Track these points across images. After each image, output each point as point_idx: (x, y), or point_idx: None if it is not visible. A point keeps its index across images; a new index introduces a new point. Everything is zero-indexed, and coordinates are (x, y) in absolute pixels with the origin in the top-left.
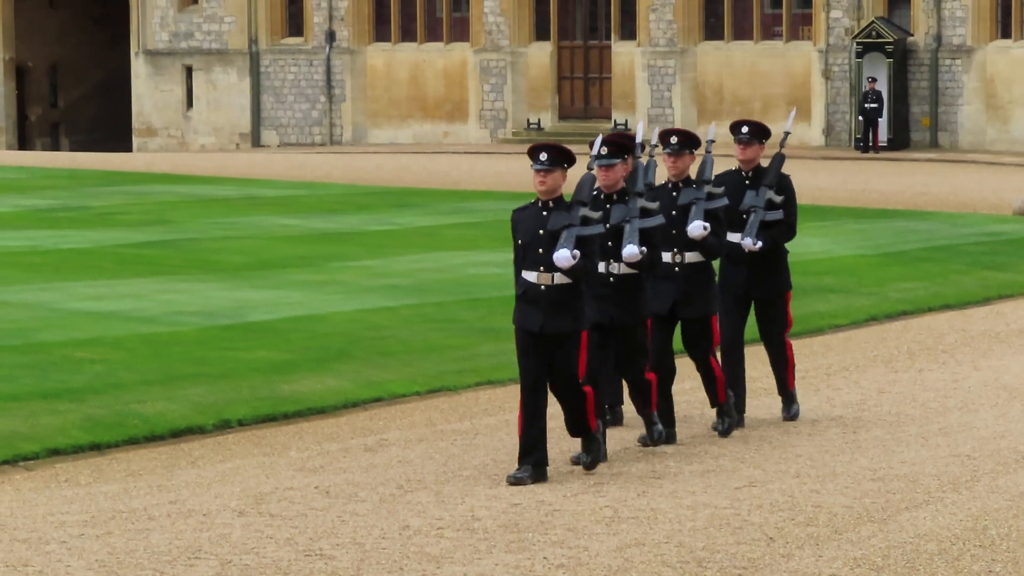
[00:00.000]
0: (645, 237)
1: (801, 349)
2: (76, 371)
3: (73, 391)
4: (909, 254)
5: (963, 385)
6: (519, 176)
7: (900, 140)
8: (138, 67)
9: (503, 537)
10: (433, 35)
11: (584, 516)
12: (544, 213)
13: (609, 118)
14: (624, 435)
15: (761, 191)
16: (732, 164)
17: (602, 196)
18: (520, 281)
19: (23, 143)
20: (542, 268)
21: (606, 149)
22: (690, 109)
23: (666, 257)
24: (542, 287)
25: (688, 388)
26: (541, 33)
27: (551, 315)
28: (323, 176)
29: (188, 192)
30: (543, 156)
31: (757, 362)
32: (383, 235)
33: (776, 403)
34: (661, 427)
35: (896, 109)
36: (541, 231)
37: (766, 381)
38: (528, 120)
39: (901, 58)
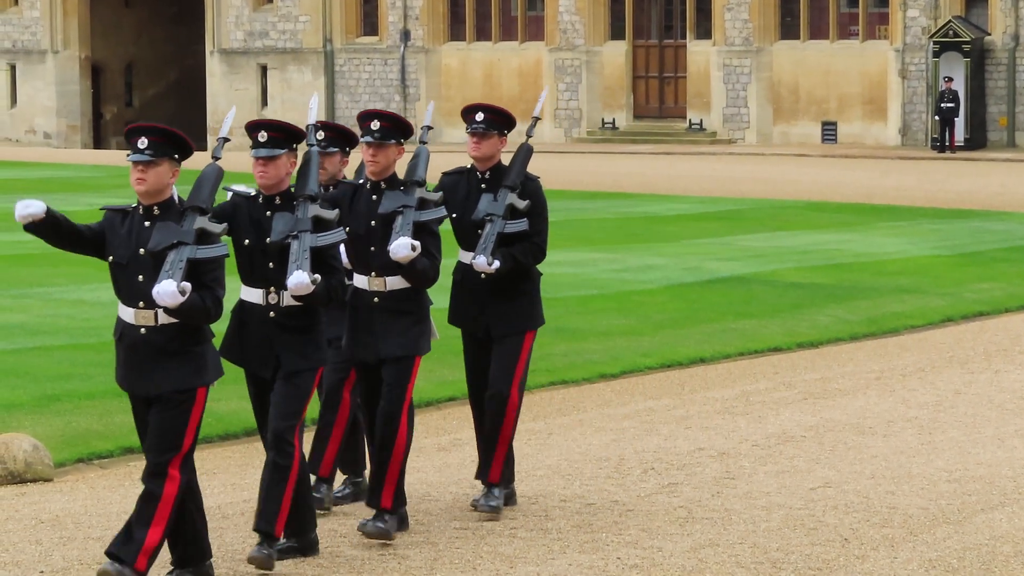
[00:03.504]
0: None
1: (876, 350)
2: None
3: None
4: (985, 254)
5: None
6: (594, 175)
7: (977, 140)
8: (213, 66)
9: (576, 537)
10: (508, 34)
11: (658, 517)
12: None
13: (684, 117)
14: (696, 436)
15: (501, 194)
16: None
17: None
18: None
19: (98, 142)
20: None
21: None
22: (765, 109)
23: (361, 282)
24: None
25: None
26: (616, 32)
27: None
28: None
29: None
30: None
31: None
32: None
33: (848, 403)
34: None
35: (973, 108)
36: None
37: (842, 382)
38: (603, 119)
39: (978, 57)
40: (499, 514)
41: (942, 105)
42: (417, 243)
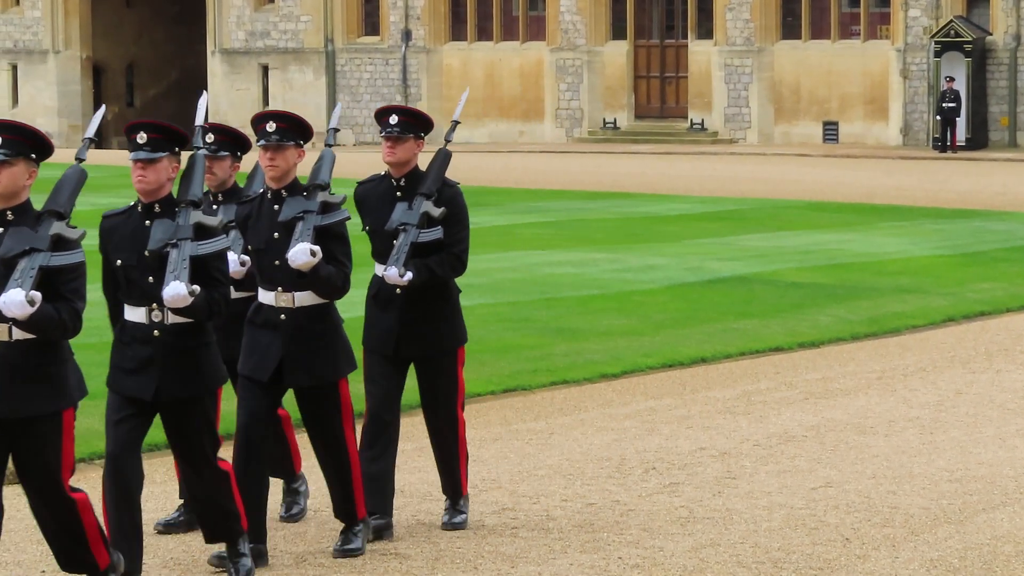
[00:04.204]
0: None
1: (878, 350)
2: None
3: None
4: (987, 254)
5: None
6: (595, 175)
7: (978, 140)
8: (214, 66)
9: (578, 537)
10: (509, 34)
11: (659, 516)
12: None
13: (685, 117)
14: (698, 436)
15: (416, 202)
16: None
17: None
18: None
19: (99, 142)
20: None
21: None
22: (767, 109)
23: (267, 298)
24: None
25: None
26: (617, 32)
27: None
28: None
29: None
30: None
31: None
32: None
33: (849, 403)
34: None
35: (974, 108)
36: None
37: (843, 382)
38: (604, 119)
39: (980, 57)
40: (464, 525)
41: (943, 105)
42: (317, 248)
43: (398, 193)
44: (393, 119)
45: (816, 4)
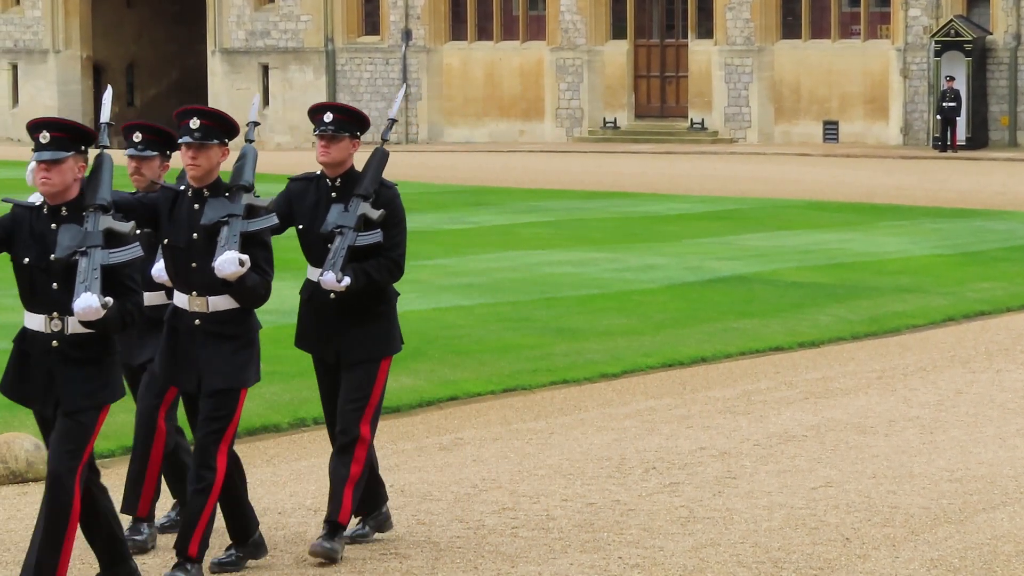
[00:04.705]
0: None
1: (878, 349)
2: None
3: None
4: (987, 254)
5: None
6: (595, 175)
7: (978, 139)
8: (214, 65)
9: (578, 537)
10: (509, 33)
11: (659, 516)
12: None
13: (685, 117)
14: (698, 435)
15: (353, 204)
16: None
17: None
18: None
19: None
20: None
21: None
22: (767, 108)
23: (181, 302)
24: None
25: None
26: (617, 32)
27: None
28: (398, 175)
29: (264, 191)
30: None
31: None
32: (458, 234)
33: (849, 403)
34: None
35: (975, 108)
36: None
37: (843, 381)
38: (604, 119)
39: (980, 57)
40: (336, 557)
41: (944, 104)
42: (245, 257)
43: (333, 194)
44: (328, 117)
45: (816, 4)
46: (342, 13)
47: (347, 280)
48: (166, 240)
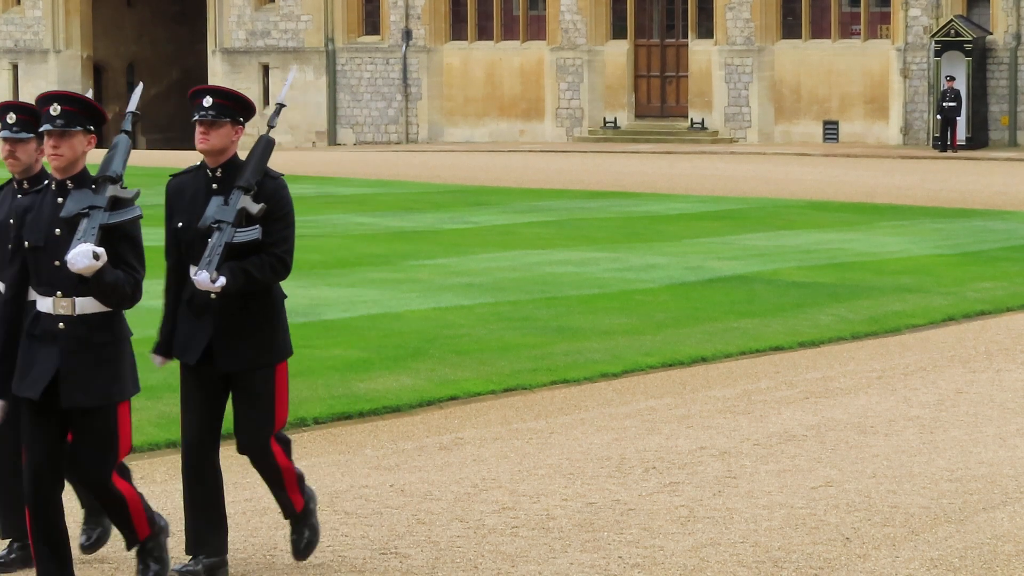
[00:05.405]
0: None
1: (878, 349)
2: (151, 369)
3: (149, 388)
4: (987, 254)
5: None
6: (596, 174)
7: (978, 139)
8: (215, 65)
9: (578, 536)
10: (509, 33)
11: (659, 516)
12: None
13: (685, 116)
14: (698, 435)
15: (234, 197)
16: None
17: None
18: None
19: (100, 141)
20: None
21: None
22: (767, 108)
23: (44, 305)
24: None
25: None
26: (618, 31)
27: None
28: (399, 174)
29: None
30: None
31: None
32: (459, 233)
33: (850, 402)
34: None
35: (975, 108)
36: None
37: (843, 381)
38: (604, 119)
39: (980, 56)
40: (316, 538)
41: (944, 104)
42: (101, 250)
43: (214, 185)
44: (207, 101)
45: (816, 3)
46: (342, 13)
47: (223, 280)
48: (27, 241)
